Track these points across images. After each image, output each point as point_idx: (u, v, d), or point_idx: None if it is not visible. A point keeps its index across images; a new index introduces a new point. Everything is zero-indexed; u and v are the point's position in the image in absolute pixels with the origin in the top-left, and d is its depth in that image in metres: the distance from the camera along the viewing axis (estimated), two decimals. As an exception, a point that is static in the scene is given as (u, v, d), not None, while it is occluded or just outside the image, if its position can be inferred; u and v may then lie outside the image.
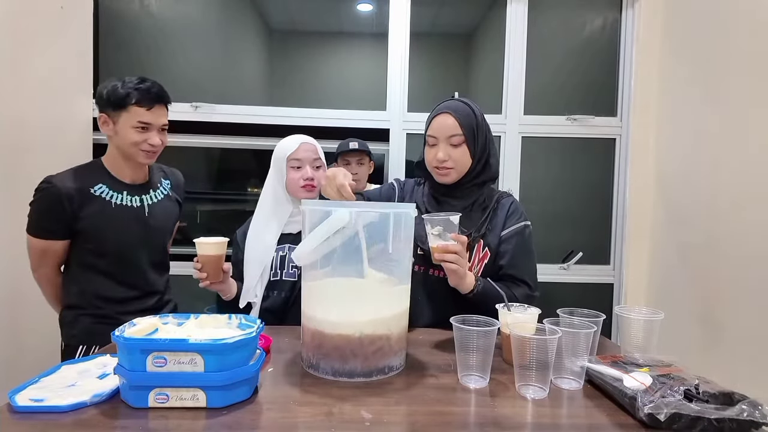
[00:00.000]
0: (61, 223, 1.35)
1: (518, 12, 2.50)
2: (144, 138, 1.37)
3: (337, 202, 1.10)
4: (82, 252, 1.40)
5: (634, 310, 1.04)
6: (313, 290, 0.99)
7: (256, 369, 0.83)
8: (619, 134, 2.56)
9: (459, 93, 2.44)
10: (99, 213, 1.36)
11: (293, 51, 3.22)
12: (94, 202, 1.36)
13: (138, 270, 1.45)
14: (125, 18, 2.56)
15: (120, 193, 1.41)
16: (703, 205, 2.02)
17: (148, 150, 1.39)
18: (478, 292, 1.17)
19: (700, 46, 2.12)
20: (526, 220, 1.30)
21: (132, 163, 1.43)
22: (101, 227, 1.37)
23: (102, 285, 1.41)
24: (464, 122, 1.23)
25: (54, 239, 1.38)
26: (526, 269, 1.27)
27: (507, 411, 0.81)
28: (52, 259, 1.42)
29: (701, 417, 0.73)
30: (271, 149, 1.55)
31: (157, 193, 1.50)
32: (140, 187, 1.46)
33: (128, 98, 1.34)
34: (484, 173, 1.29)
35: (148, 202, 1.46)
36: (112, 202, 1.39)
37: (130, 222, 1.41)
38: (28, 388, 0.82)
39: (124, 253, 1.42)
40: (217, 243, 1.26)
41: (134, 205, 1.43)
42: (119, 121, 1.36)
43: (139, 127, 1.36)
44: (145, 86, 1.37)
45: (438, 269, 1.24)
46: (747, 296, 1.75)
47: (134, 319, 0.90)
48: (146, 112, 1.36)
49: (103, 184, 1.39)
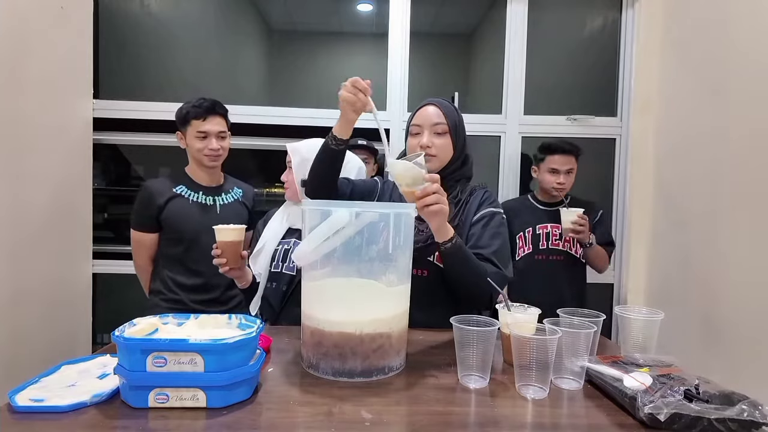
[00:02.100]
0: (150, 216, 1.71)
1: (518, 12, 2.50)
2: (204, 144, 1.71)
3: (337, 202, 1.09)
4: (166, 243, 1.74)
5: (634, 310, 1.04)
6: (313, 290, 0.99)
7: (256, 369, 0.83)
8: (619, 134, 2.56)
9: (459, 93, 2.45)
10: (178, 207, 1.71)
11: (293, 51, 3.22)
12: (175, 199, 1.72)
13: (207, 259, 1.60)
14: (125, 18, 2.56)
15: (196, 192, 1.76)
16: (703, 205, 2.02)
17: (210, 154, 1.72)
18: (456, 243, 1.12)
19: (700, 46, 2.12)
20: (498, 208, 1.30)
21: (205, 169, 1.77)
22: (179, 218, 1.70)
23: (176, 271, 1.73)
24: (448, 113, 1.27)
25: (145, 231, 1.74)
26: (492, 249, 1.22)
27: (507, 411, 0.81)
28: (146, 250, 1.76)
29: (701, 417, 0.73)
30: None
31: (228, 196, 1.82)
32: (214, 189, 1.80)
33: (188, 115, 1.70)
34: (461, 170, 1.31)
35: (220, 202, 1.79)
36: (189, 199, 1.74)
37: (203, 215, 1.73)
38: (28, 388, 0.82)
39: (195, 242, 1.69)
40: (236, 229, 1.34)
41: (208, 203, 1.77)
42: (186, 134, 1.73)
43: (199, 136, 1.70)
44: (198, 102, 1.70)
45: (422, 268, 1.24)
46: (747, 296, 1.75)
47: (134, 319, 0.90)
48: (202, 122, 1.70)
49: (183, 185, 1.75)
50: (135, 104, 2.39)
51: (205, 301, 1.73)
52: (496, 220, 1.27)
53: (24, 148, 1.80)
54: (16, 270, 1.77)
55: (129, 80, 2.58)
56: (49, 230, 1.94)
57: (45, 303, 1.93)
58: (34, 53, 1.85)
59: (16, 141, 1.76)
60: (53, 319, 1.99)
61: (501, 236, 1.26)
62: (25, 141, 1.81)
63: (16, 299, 1.76)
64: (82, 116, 2.22)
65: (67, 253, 2.07)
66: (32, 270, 1.84)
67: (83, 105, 2.23)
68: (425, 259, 1.24)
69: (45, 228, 1.92)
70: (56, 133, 2.01)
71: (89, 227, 2.23)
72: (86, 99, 2.25)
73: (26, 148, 1.81)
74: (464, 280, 1.17)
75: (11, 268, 1.74)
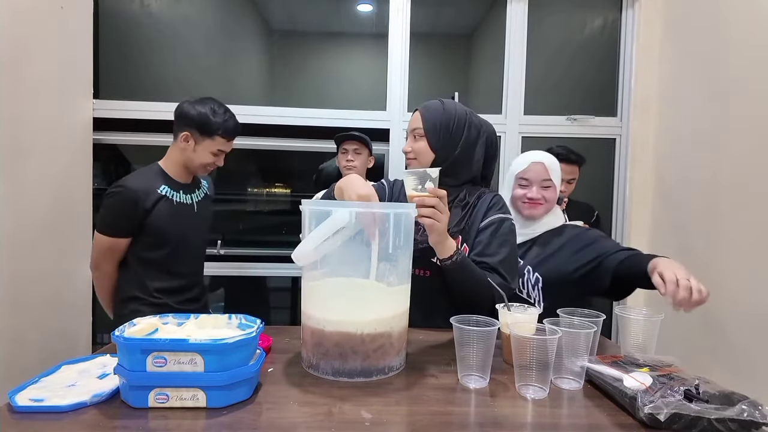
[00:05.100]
0: (133, 221, 1.53)
1: (518, 12, 2.50)
2: (214, 161, 1.62)
3: (337, 202, 1.10)
4: (140, 247, 1.58)
5: (634, 310, 1.04)
6: (313, 290, 0.99)
7: (256, 369, 0.83)
8: (619, 134, 2.56)
9: (459, 93, 2.46)
10: (165, 210, 1.57)
11: (293, 51, 3.22)
12: (161, 201, 1.57)
13: (188, 260, 1.65)
14: (125, 18, 2.56)
15: (177, 192, 1.63)
16: (703, 205, 2.02)
17: (211, 169, 1.66)
18: (458, 261, 1.12)
19: (700, 46, 2.12)
20: (507, 213, 1.29)
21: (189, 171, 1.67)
22: (164, 222, 1.57)
23: (155, 274, 1.59)
24: (427, 117, 1.27)
25: (121, 237, 1.56)
26: (499, 258, 1.22)
27: (507, 411, 0.81)
28: (118, 255, 1.59)
29: (701, 417, 0.73)
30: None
31: (200, 192, 1.73)
32: (189, 187, 1.68)
33: (216, 129, 1.57)
34: (459, 174, 1.29)
35: (195, 199, 1.69)
36: (173, 200, 1.60)
37: (185, 216, 1.63)
38: (28, 388, 0.82)
39: (179, 245, 1.61)
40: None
41: (187, 202, 1.66)
42: (202, 144, 1.59)
43: (215, 153, 1.61)
44: (231, 123, 1.61)
45: (424, 269, 1.24)
46: (747, 296, 1.75)
47: (134, 319, 0.90)
48: (226, 143, 1.62)
49: (165, 186, 1.60)
50: (135, 104, 2.39)
51: (186, 301, 1.65)
52: (505, 227, 1.26)
53: (24, 148, 1.80)
54: (17, 270, 1.77)
55: (129, 80, 2.58)
56: (49, 230, 1.94)
57: (45, 303, 1.93)
58: (34, 53, 1.85)
59: (17, 141, 1.77)
60: (53, 319, 1.99)
61: (509, 244, 1.25)
62: (25, 141, 1.81)
63: (16, 299, 1.76)
64: (82, 116, 2.22)
65: (67, 253, 2.07)
66: (32, 270, 1.85)
67: (83, 105, 2.23)
68: (428, 260, 1.23)
69: (45, 228, 1.92)
70: (56, 133, 2.01)
71: (89, 227, 2.23)
72: (86, 99, 2.25)
73: (26, 148, 1.81)
74: (464, 294, 1.16)
75: (11, 267, 1.74)
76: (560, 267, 1.38)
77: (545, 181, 1.44)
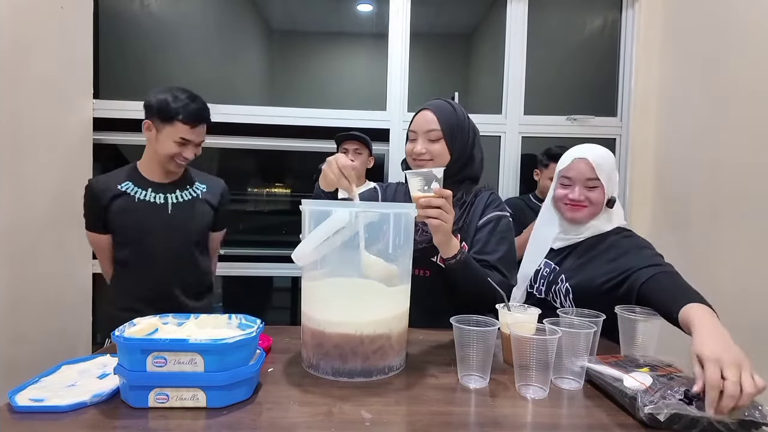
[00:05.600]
0: (97, 215, 1.52)
1: (518, 12, 2.50)
2: (180, 151, 1.50)
3: (337, 202, 1.10)
4: (115, 246, 1.56)
5: (635, 310, 1.04)
6: (313, 290, 0.99)
7: (256, 369, 0.83)
8: (619, 134, 2.56)
9: (459, 93, 2.46)
10: (121, 206, 1.51)
11: (293, 51, 3.22)
12: (119, 198, 1.52)
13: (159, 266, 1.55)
14: (125, 18, 2.56)
15: (144, 189, 1.54)
16: (702, 205, 2.02)
17: (181, 162, 1.53)
18: (462, 260, 1.13)
19: (700, 46, 2.12)
20: (505, 211, 1.29)
21: (163, 167, 1.56)
22: (122, 219, 1.52)
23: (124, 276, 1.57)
24: (442, 119, 1.25)
25: (97, 232, 1.55)
26: (498, 255, 1.22)
27: (507, 411, 0.81)
28: (107, 251, 1.58)
29: (701, 417, 0.73)
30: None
31: (184, 193, 1.60)
32: (166, 186, 1.57)
33: (175, 114, 1.46)
34: (464, 171, 1.29)
35: (173, 200, 1.57)
36: (135, 197, 1.53)
37: (151, 215, 1.53)
38: (28, 388, 0.82)
39: (143, 246, 1.53)
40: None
41: (158, 201, 1.55)
42: (163, 131, 1.49)
43: (179, 142, 1.49)
44: (193, 107, 1.48)
45: (424, 268, 1.24)
46: (747, 297, 1.75)
47: (134, 319, 0.90)
48: (189, 130, 1.48)
49: (129, 182, 1.54)
50: (135, 104, 2.39)
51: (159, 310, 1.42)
52: (502, 224, 1.26)
53: (24, 148, 1.80)
54: (17, 270, 1.77)
55: (129, 80, 2.58)
56: (49, 230, 1.94)
57: (45, 303, 1.93)
58: (34, 53, 1.85)
59: (17, 141, 1.77)
60: (53, 319, 1.99)
61: (507, 241, 1.25)
62: (25, 141, 1.81)
63: (16, 299, 1.76)
64: (82, 116, 2.22)
65: (67, 254, 2.07)
66: (32, 270, 1.85)
67: (83, 105, 2.23)
68: (428, 260, 1.24)
69: (45, 228, 1.92)
70: (56, 133, 2.01)
71: (89, 227, 2.24)
72: (86, 99, 2.25)
73: (26, 147, 1.82)
74: (468, 293, 1.16)
75: (11, 267, 1.74)
76: (590, 279, 1.24)
77: (590, 180, 1.28)
